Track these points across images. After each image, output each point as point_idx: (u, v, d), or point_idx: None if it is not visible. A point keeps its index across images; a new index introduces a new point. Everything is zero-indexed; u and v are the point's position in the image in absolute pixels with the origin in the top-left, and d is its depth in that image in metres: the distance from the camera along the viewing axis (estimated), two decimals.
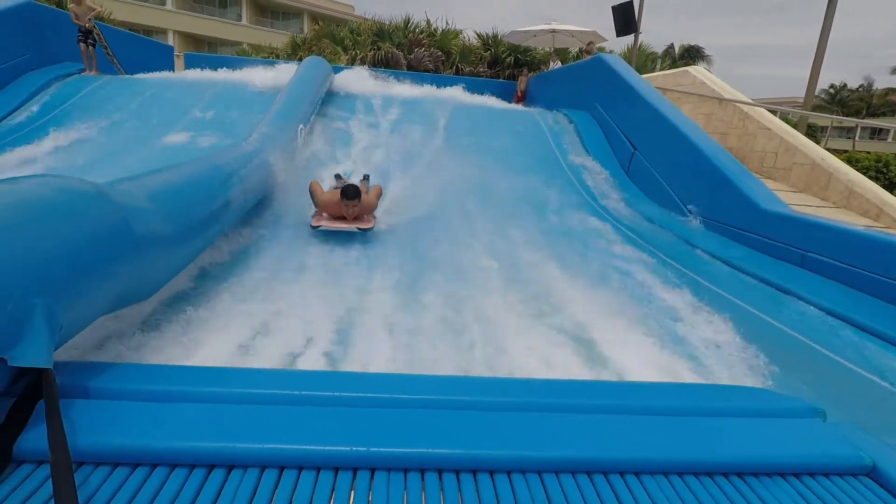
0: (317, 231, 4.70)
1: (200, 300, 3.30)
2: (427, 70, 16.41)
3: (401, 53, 16.72)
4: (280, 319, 3.16)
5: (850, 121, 29.61)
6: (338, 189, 4.80)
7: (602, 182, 7.26)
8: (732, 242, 5.20)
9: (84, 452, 1.52)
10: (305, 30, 31.84)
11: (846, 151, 23.22)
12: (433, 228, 5.15)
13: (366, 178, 6.09)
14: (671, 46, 37.22)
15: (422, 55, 16.89)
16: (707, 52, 38.07)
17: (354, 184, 4.82)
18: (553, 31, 14.37)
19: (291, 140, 6.36)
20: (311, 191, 4.91)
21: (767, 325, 3.58)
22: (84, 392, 1.80)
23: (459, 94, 10.88)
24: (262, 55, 19.86)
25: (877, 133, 47.19)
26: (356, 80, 10.13)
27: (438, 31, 18.11)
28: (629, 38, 13.31)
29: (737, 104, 8.61)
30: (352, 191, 4.55)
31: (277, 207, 5.32)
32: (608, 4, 12.63)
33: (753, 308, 3.80)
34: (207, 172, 3.79)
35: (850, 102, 44.64)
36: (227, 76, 9.87)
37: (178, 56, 15.40)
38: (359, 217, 4.77)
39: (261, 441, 1.57)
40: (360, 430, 1.66)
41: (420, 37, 17.55)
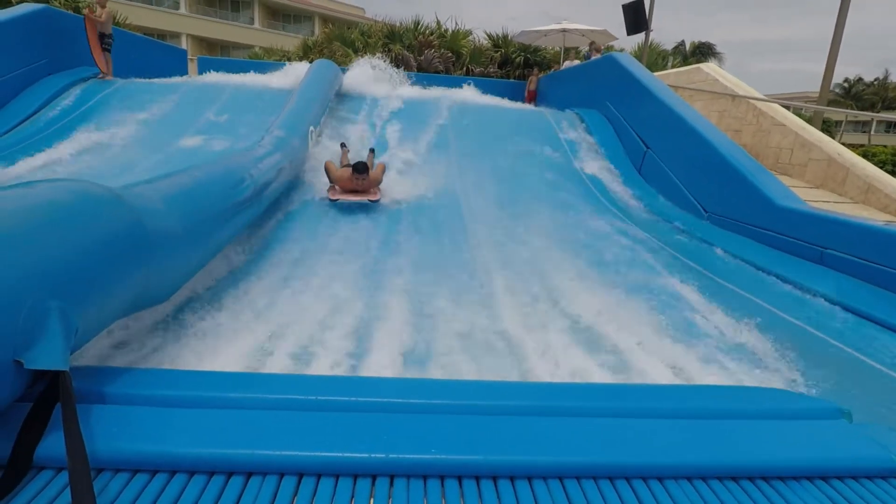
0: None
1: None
2: (437, 71, 16.40)
3: (411, 55, 16.73)
4: None
5: (866, 115, 29.18)
6: (348, 167, 5.65)
7: (614, 180, 7.20)
8: (749, 240, 5.12)
9: (102, 459, 1.51)
10: (316, 32, 31.99)
11: (862, 146, 22.86)
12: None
13: (371, 151, 6.78)
14: (682, 43, 36.85)
15: (432, 56, 16.89)
16: (718, 49, 37.67)
17: (363, 161, 5.63)
18: (564, 31, 14.31)
19: (302, 142, 6.38)
20: (326, 168, 5.73)
21: (788, 324, 3.52)
22: (101, 397, 1.80)
23: (471, 94, 10.89)
24: (274, 58, 19.99)
25: (892, 126, 46.33)
26: (368, 83, 10.05)
27: (448, 33, 18.11)
28: (640, 37, 13.19)
29: (750, 100, 8.51)
30: (361, 166, 5.44)
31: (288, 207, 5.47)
32: (618, 3, 12.54)
33: (773, 307, 3.74)
34: (221, 175, 3.81)
35: (865, 96, 43.89)
36: (241, 79, 9.94)
37: (192, 60, 15.53)
38: (367, 190, 5.59)
39: (279, 448, 1.56)
40: (379, 436, 1.64)
41: (430, 38, 17.55)
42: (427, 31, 18.02)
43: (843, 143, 8.05)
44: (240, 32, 35.04)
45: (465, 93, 11.07)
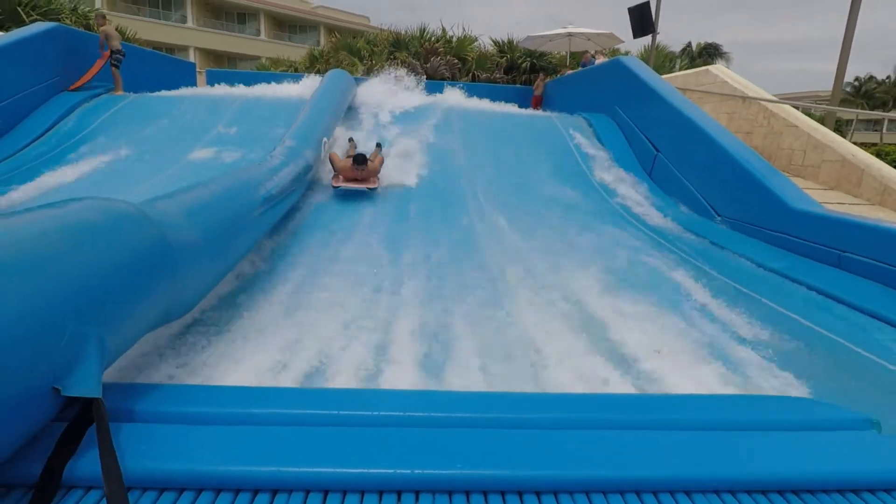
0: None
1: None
2: (443, 78, 16.45)
3: (417, 62, 16.80)
4: None
5: (877, 114, 28.88)
6: (350, 158, 6.35)
7: (624, 184, 7.16)
8: (763, 244, 5.08)
9: (130, 477, 1.51)
10: (322, 42, 32.22)
11: (874, 144, 22.58)
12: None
13: (378, 146, 7.30)
14: (688, 45, 36.70)
15: (438, 63, 16.94)
16: (725, 50, 37.47)
17: (363, 153, 6.35)
18: (569, 35, 14.30)
19: (315, 152, 6.41)
20: (331, 159, 6.45)
21: (808, 330, 3.48)
22: (125, 414, 1.81)
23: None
24: (281, 68, 20.11)
25: None
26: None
27: (454, 39, 18.16)
28: (645, 39, 13.14)
29: (761, 102, 8.45)
30: (360, 158, 6.18)
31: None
32: (624, 6, 12.52)
33: (792, 312, 3.70)
34: (237, 188, 3.83)
35: (877, 94, 43.42)
36: (250, 91, 10.01)
37: (201, 72, 15.69)
38: (367, 179, 6.29)
39: (304, 464, 1.56)
40: (402, 451, 1.64)
41: (436, 45, 17.61)
42: (433, 39, 18.08)
43: (855, 142, 7.95)
44: (246, 44, 35.34)
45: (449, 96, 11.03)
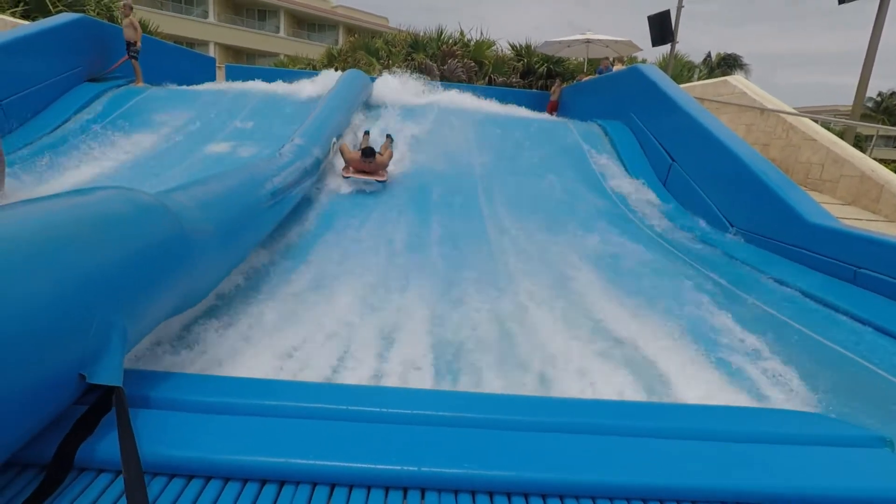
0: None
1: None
2: (460, 80, 16.48)
3: (434, 64, 16.84)
4: None
5: None
6: (359, 150, 6.49)
7: (639, 194, 7.12)
8: (778, 257, 5.03)
9: (142, 462, 1.53)
10: (341, 41, 32.40)
11: (894, 161, 22.30)
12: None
13: (388, 138, 7.49)
14: (708, 55, 36.42)
15: (455, 66, 16.98)
16: (745, 61, 37.13)
17: (371, 147, 6.52)
18: (588, 41, 14.25)
19: (323, 151, 6.46)
20: (341, 150, 6.58)
21: (821, 346, 3.44)
22: (140, 400, 1.83)
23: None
24: (299, 66, 20.26)
25: None
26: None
27: (472, 43, 18.20)
28: (664, 48, 13.10)
29: (780, 114, 8.37)
30: (369, 151, 6.34)
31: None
32: (644, 13, 12.48)
33: (805, 327, 3.66)
34: (248, 182, 3.87)
35: None
36: (268, 87, 10.10)
37: (220, 67, 15.83)
38: (375, 172, 6.42)
39: (312, 457, 1.57)
40: (410, 449, 1.64)
41: (453, 48, 17.65)
42: (450, 41, 18.12)
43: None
44: (266, 41, 35.64)
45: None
